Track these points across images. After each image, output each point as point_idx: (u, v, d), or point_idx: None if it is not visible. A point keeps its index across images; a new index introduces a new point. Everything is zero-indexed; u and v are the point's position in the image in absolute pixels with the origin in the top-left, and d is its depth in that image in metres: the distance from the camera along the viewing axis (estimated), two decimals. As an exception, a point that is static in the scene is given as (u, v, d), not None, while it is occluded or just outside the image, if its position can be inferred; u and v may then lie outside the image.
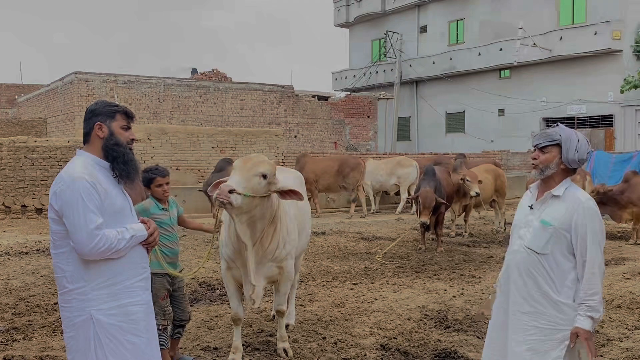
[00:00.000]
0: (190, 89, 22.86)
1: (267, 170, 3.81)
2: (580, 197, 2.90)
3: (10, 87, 34.04)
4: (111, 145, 2.77)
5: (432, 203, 8.89)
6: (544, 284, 2.91)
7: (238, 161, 3.86)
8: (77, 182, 2.62)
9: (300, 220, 4.67)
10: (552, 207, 2.94)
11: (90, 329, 2.65)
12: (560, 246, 2.89)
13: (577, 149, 2.91)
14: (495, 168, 12.23)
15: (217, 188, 3.87)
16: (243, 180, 3.69)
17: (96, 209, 2.62)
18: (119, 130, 2.81)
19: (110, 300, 2.67)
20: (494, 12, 28.03)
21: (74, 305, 2.67)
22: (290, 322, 5.21)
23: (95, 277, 2.66)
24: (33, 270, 7.51)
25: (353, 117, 27.21)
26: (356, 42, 35.79)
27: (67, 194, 2.61)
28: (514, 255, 3.06)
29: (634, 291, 6.65)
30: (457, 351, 4.67)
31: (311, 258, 8.55)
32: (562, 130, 2.96)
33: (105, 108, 2.82)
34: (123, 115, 2.84)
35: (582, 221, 2.83)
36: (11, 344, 4.78)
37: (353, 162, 14.53)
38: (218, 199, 3.53)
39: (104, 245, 2.60)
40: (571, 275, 2.89)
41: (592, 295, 2.80)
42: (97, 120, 2.78)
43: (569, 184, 2.97)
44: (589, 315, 2.80)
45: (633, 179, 10.28)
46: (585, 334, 2.79)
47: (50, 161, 13.05)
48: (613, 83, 23.28)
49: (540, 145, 2.97)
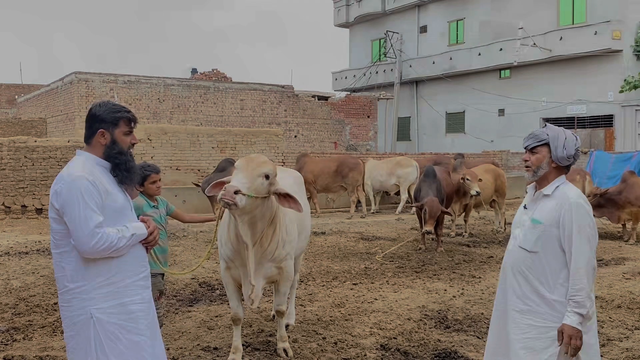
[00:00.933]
0: (190, 89, 22.86)
1: (269, 170, 3.81)
2: (569, 194, 2.94)
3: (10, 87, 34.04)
4: (114, 154, 2.80)
5: (438, 212, 8.95)
6: (537, 283, 2.94)
7: (240, 161, 3.84)
8: (77, 181, 2.63)
9: (300, 221, 4.67)
10: (542, 206, 2.99)
11: (91, 328, 2.65)
12: (551, 244, 2.92)
13: (564, 145, 2.97)
14: (495, 168, 12.23)
15: (216, 188, 3.87)
16: (247, 181, 3.67)
17: (97, 208, 2.64)
18: (122, 137, 2.82)
19: (110, 299, 2.68)
20: (494, 12, 28.02)
21: (74, 304, 2.68)
22: (290, 322, 5.21)
23: (95, 276, 2.67)
24: (33, 270, 7.51)
25: (353, 117, 27.21)
26: (356, 42, 35.79)
27: (67, 193, 2.62)
28: (509, 254, 3.12)
29: (634, 291, 6.65)
30: (457, 351, 4.67)
31: (311, 258, 8.56)
32: (548, 130, 3.03)
33: (109, 115, 2.80)
34: (126, 122, 2.84)
35: (569, 217, 2.86)
36: (11, 344, 4.78)
37: (352, 162, 14.52)
38: (223, 200, 3.50)
39: (104, 243, 2.61)
40: (563, 273, 2.91)
41: (578, 291, 2.81)
42: (100, 127, 2.79)
43: (562, 182, 3.01)
44: (575, 311, 2.80)
45: (630, 179, 10.33)
46: (570, 331, 2.80)
47: (50, 161, 13.05)
48: (613, 83, 23.28)
49: (530, 146, 3.05)
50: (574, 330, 2.79)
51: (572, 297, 2.82)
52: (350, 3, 34.71)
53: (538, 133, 3.04)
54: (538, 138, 3.02)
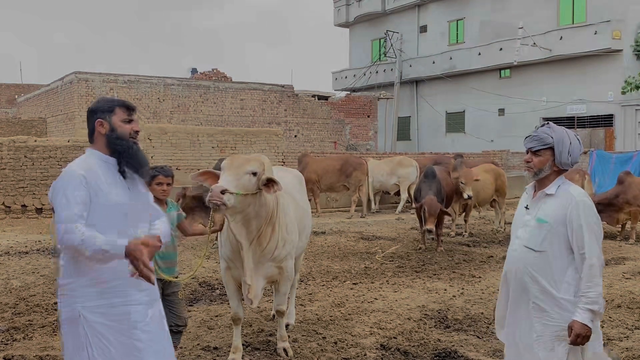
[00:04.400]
0: (190, 89, 22.86)
1: (256, 167, 3.79)
2: (573, 192, 2.95)
3: (10, 87, 34.03)
4: (114, 139, 2.75)
5: (437, 211, 8.94)
6: (545, 282, 2.94)
7: (226, 161, 3.79)
8: (67, 173, 2.65)
9: (300, 220, 4.67)
10: (546, 205, 2.99)
11: (80, 325, 2.62)
12: (557, 243, 2.93)
13: (569, 152, 2.97)
14: (496, 168, 12.22)
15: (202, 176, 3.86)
16: (234, 179, 3.65)
17: (79, 201, 2.58)
18: (120, 123, 2.78)
19: (97, 299, 2.63)
20: (494, 12, 28.02)
21: (64, 300, 2.67)
22: (290, 322, 5.21)
23: (82, 273, 2.63)
24: (33, 270, 7.51)
25: (353, 117, 27.20)
26: (356, 42, 35.77)
27: (57, 184, 2.64)
28: (513, 254, 3.10)
29: (634, 291, 6.65)
30: (457, 351, 4.67)
31: (311, 258, 8.55)
32: (553, 132, 2.99)
33: (104, 104, 2.80)
34: (123, 109, 2.80)
35: (576, 214, 2.87)
36: (11, 344, 4.77)
37: (356, 162, 14.50)
38: (211, 202, 3.46)
39: (69, 239, 2.51)
40: (570, 271, 2.91)
41: (591, 287, 2.82)
42: (97, 117, 2.77)
43: (562, 181, 3.02)
44: (588, 307, 2.80)
45: (627, 180, 10.39)
46: (580, 329, 2.80)
47: (50, 161, 13.05)
48: (613, 83, 23.28)
49: (534, 149, 3.02)
50: (584, 329, 2.79)
51: (584, 294, 2.82)
52: (350, 3, 34.70)
53: (543, 136, 2.99)
54: (543, 142, 2.98)
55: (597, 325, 2.92)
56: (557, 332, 2.90)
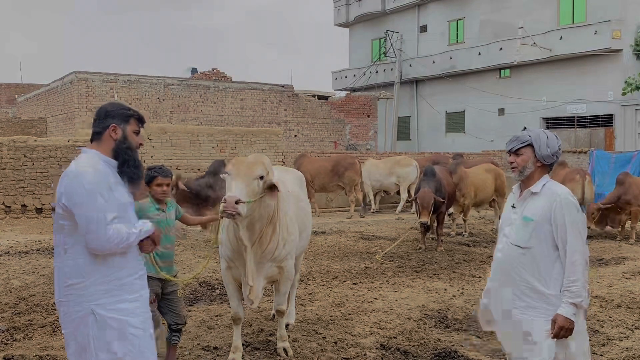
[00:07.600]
0: (190, 89, 22.84)
1: (262, 171, 3.82)
2: (558, 190, 3.07)
3: (10, 86, 34.03)
4: (124, 148, 2.85)
5: (430, 202, 8.91)
6: (532, 279, 3.03)
7: (232, 167, 3.78)
8: (86, 175, 2.67)
9: (300, 220, 4.67)
10: (531, 203, 3.10)
11: (89, 324, 2.67)
12: (544, 240, 3.02)
13: (547, 144, 3.10)
14: (495, 168, 12.24)
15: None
16: (244, 187, 3.68)
17: (108, 203, 2.69)
18: (131, 135, 2.89)
19: (110, 296, 2.72)
20: (494, 11, 28.01)
21: (73, 300, 2.71)
22: (290, 322, 5.22)
23: (95, 272, 2.70)
24: (33, 270, 7.51)
25: (353, 117, 27.19)
26: (356, 42, 35.76)
27: (78, 188, 2.66)
28: (501, 253, 3.20)
29: (634, 291, 6.66)
30: (457, 351, 4.68)
31: (311, 258, 8.55)
32: (530, 132, 3.17)
33: (122, 111, 2.90)
34: (136, 121, 2.94)
35: (560, 212, 2.98)
36: (11, 344, 4.78)
37: (347, 162, 14.52)
38: (226, 212, 3.52)
39: (117, 237, 2.67)
40: (556, 267, 3.01)
41: (573, 282, 2.92)
42: (112, 122, 2.85)
43: (547, 180, 3.13)
44: (570, 301, 2.90)
45: (627, 180, 10.53)
46: (563, 322, 2.89)
47: (50, 161, 13.05)
48: (613, 83, 23.27)
49: (514, 148, 3.16)
50: (566, 322, 2.89)
51: (567, 288, 2.93)
52: (350, 2, 34.68)
53: (520, 136, 3.17)
54: (521, 140, 3.14)
55: (582, 323, 3.00)
56: (544, 326, 2.97)
